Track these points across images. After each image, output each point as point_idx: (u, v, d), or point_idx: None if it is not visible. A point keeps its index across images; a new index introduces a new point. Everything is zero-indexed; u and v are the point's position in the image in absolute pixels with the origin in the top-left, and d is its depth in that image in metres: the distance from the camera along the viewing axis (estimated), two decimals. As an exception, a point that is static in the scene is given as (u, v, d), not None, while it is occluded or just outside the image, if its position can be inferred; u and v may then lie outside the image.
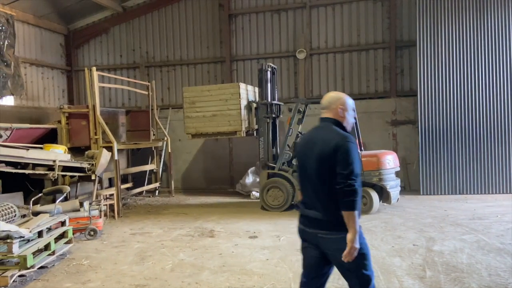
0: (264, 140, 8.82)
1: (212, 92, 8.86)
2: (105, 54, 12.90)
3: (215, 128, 8.80)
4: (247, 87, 9.33)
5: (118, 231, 7.20)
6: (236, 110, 8.66)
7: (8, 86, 10.39)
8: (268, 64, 9.24)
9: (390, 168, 8.11)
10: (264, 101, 8.90)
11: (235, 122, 8.67)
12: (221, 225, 7.42)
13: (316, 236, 2.94)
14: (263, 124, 8.82)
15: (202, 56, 12.26)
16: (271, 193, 8.55)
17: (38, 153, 6.79)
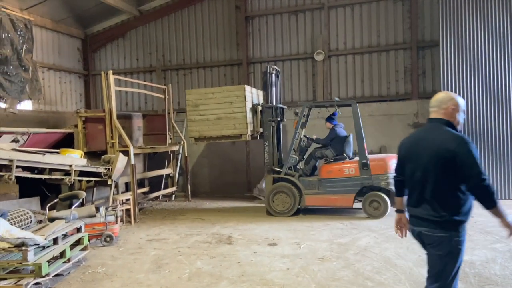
0: (269, 144, 8.65)
1: (217, 95, 8.66)
2: (121, 58, 12.90)
3: (220, 131, 8.61)
4: (252, 89, 9.16)
5: (135, 237, 7.08)
6: (242, 113, 8.48)
7: (26, 91, 10.45)
8: (272, 67, 9.06)
9: None
10: (269, 105, 8.73)
11: (241, 125, 8.49)
12: (239, 232, 7.23)
13: (421, 233, 3.04)
14: (268, 127, 8.65)
15: (219, 59, 12.14)
16: (278, 198, 8.39)
17: (54, 158, 6.73)
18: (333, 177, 8.14)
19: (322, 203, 8.31)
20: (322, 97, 11.32)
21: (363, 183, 8.00)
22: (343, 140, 8.42)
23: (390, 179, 7.87)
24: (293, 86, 11.68)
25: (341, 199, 8.12)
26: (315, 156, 8.56)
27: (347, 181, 8.06)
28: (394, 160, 7.99)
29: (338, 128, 8.58)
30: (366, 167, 8.00)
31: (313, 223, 7.71)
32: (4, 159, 5.97)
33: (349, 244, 6.23)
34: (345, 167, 8.14)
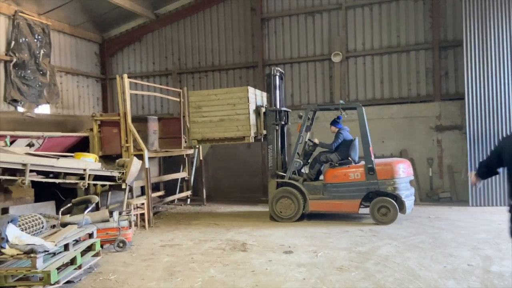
0: (272, 148, 8.47)
1: (220, 96, 8.47)
2: (138, 61, 12.91)
3: (223, 133, 8.42)
4: (255, 91, 8.97)
5: (148, 243, 6.97)
6: (245, 115, 8.26)
7: (44, 95, 10.54)
8: (276, 69, 8.85)
9: (404, 176, 7.81)
10: (272, 108, 8.55)
11: (244, 127, 8.29)
12: (253, 238, 7.04)
13: None
14: (272, 131, 8.47)
15: (234, 62, 12.01)
16: (281, 203, 8.20)
17: (68, 162, 6.68)
18: (338, 181, 7.92)
19: (327, 208, 8.07)
20: (340, 99, 11.02)
21: (369, 188, 7.77)
22: (348, 144, 8.16)
23: (397, 184, 7.64)
24: (309, 88, 11.45)
25: (346, 205, 7.88)
26: (320, 160, 8.33)
27: (353, 186, 7.82)
28: (401, 164, 7.86)
29: (344, 131, 8.34)
30: (372, 171, 7.74)
31: (331, 229, 7.45)
32: (18, 163, 5.93)
33: (369, 252, 5.96)
34: (350, 171, 7.90)
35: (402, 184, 7.72)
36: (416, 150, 10.41)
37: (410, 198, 7.84)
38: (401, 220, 8.04)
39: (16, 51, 9.72)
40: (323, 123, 9.73)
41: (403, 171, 7.81)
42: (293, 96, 11.56)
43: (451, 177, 10.14)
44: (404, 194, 7.71)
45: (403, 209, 7.72)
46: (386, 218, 7.67)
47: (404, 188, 7.75)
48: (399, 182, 7.67)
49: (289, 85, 11.58)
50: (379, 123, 10.65)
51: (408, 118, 10.46)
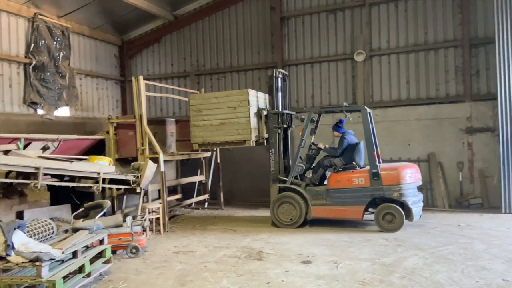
0: (274, 151, 8.22)
1: (220, 100, 8.32)
2: (156, 63, 12.82)
3: (223, 137, 8.27)
4: (257, 93, 8.75)
5: (162, 249, 6.76)
6: (245, 118, 8.09)
7: (63, 97, 10.55)
8: (279, 70, 8.55)
9: (411, 182, 7.47)
10: (274, 111, 8.30)
11: (244, 131, 8.11)
12: (270, 245, 6.72)
13: None
14: (274, 135, 8.23)
15: (253, 62, 11.75)
16: (283, 208, 7.94)
17: (82, 165, 6.56)
18: (341, 187, 7.60)
19: (330, 214, 7.74)
20: (363, 100, 10.60)
21: (374, 194, 7.42)
22: (353, 148, 7.82)
23: (403, 190, 7.27)
24: (331, 89, 11.05)
25: (350, 211, 7.55)
26: (323, 165, 8.00)
27: (356, 192, 7.49)
28: (408, 169, 7.47)
29: (348, 136, 8.02)
30: (376, 177, 7.37)
31: (352, 237, 7.06)
32: (30, 166, 5.84)
33: (394, 264, 5.55)
34: (354, 176, 7.56)
35: (409, 190, 7.37)
36: (445, 154, 9.86)
37: (417, 204, 7.47)
38: (429, 228, 7.59)
39: (35, 54, 9.75)
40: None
41: (410, 177, 7.45)
42: (314, 97, 11.20)
43: (482, 182, 9.54)
44: (411, 200, 7.34)
45: (410, 216, 7.33)
46: (391, 226, 7.31)
47: (411, 194, 7.39)
48: (405, 188, 7.31)
49: (310, 85, 11.23)
50: (405, 125, 10.16)
51: (436, 120, 9.92)
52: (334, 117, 9.41)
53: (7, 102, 9.22)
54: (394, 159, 10.12)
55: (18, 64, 9.48)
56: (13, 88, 9.36)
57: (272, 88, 8.40)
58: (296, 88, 11.35)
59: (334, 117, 9.32)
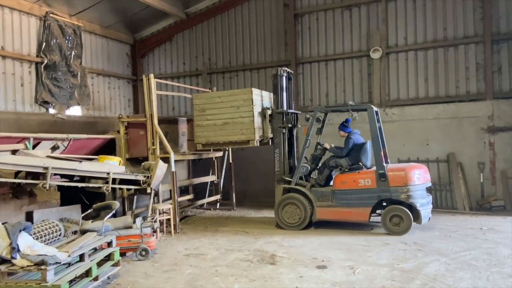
0: (279, 152, 8.06)
1: (223, 99, 8.19)
2: (168, 62, 12.70)
3: (227, 137, 8.13)
4: (262, 93, 8.58)
5: (172, 251, 6.59)
6: (249, 117, 7.94)
7: (75, 96, 10.48)
8: (283, 69, 8.33)
9: (420, 183, 7.22)
10: (279, 110, 8.10)
11: (248, 131, 7.97)
12: (284, 249, 6.50)
13: None
14: (278, 134, 8.07)
15: (266, 60, 11.52)
16: (287, 210, 7.78)
17: (91, 165, 6.43)
18: (347, 188, 7.40)
19: (335, 216, 7.55)
20: (379, 99, 10.29)
21: (380, 195, 7.20)
22: (359, 148, 7.61)
23: (411, 191, 7.04)
24: (346, 87, 10.76)
25: (356, 213, 7.34)
26: (329, 165, 7.81)
27: (362, 193, 7.28)
28: (416, 170, 7.22)
29: (354, 135, 7.80)
30: (383, 178, 7.15)
31: (370, 241, 6.79)
32: (39, 166, 5.72)
33: (414, 271, 5.27)
34: (360, 177, 7.35)
35: (417, 192, 7.13)
36: (465, 154, 9.48)
37: (426, 207, 7.24)
38: (450, 232, 7.28)
39: (47, 53, 9.69)
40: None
41: (419, 178, 7.21)
42: (328, 96, 10.91)
43: (505, 183, 9.15)
44: (419, 202, 7.09)
45: (418, 219, 7.11)
46: (398, 228, 7.09)
47: (419, 196, 7.14)
48: (413, 190, 7.07)
49: (324, 84, 10.95)
50: (423, 124, 9.82)
51: (456, 119, 9.56)
52: (344, 116, 9.12)
53: (19, 101, 9.17)
54: (412, 159, 9.79)
55: (29, 63, 9.44)
56: (24, 87, 9.32)
57: (277, 86, 8.22)
58: (310, 87, 11.09)
59: (344, 117, 9.03)
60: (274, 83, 8.29)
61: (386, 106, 10.21)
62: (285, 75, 8.29)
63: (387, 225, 7.18)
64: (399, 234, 7.03)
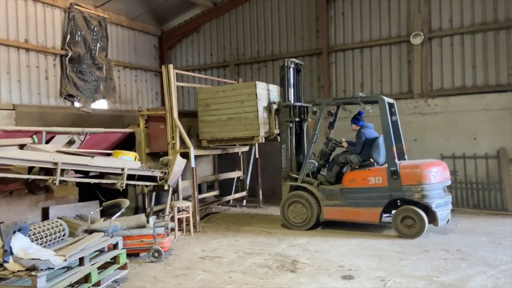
0: (286, 147, 7.64)
1: (227, 93, 7.86)
2: (196, 53, 12.32)
3: (231, 133, 7.81)
4: (268, 86, 8.13)
5: (188, 253, 6.18)
6: (253, 112, 7.59)
7: (101, 90, 10.33)
8: (291, 60, 7.85)
9: (437, 182, 6.60)
10: (286, 103, 7.66)
11: (252, 127, 7.62)
12: (308, 253, 5.91)
13: None
14: (285, 129, 7.64)
15: (296, 49, 10.85)
16: (294, 208, 7.36)
17: (104, 161, 6.13)
18: (356, 186, 6.90)
19: (344, 216, 7.07)
20: (420, 88, 9.37)
21: (392, 195, 6.65)
22: (371, 143, 7.03)
23: (426, 191, 6.44)
24: (383, 77, 9.90)
25: (366, 213, 6.83)
26: (338, 162, 7.29)
27: (373, 192, 6.76)
28: (433, 167, 6.54)
29: (367, 129, 7.24)
30: (395, 175, 6.57)
31: (405, 247, 6.06)
32: (48, 162, 5.46)
33: (456, 285, 4.55)
34: (370, 175, 6.81)
35: (433, 191, 6.52)
36: (519, 150, 8.42)
37: (443, 208, 6.61)
38: (499, 238, 6.42)
39: (71, 45, 9.56)
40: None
41: (435, 176, 6.58)
42: (363, 86, 10.10)
43: None
44: (436, 203, 6.48)
45: (434, 221, 6.49)
46: (411, 231, 6.52)
47: (435, 196, 6.52)
48: (428, 189, 6.47)
49: (359, 73, 10.15)
50: (470, 116, 8.82)
51: (508, 110, 8.50)
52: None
53: (43, 95, 9.10)
54: (457, 155, 8.85)
55: (54, 56, 9.34)
56: (49, 80, 9.23)
57: (284, 79, 7.74)
58: (343, 77, 10.32)
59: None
60: (281, 75, 7.84)
61: (428, 97, 9.28)
62: (292, 66, 7.84)
63: (398, 227, 6.63)
64: (411, 237, 6.45)
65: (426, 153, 8.97)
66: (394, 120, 7.22)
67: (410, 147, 9.18)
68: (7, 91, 8.37)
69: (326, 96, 10.15)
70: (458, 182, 8.84)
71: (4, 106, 8.17)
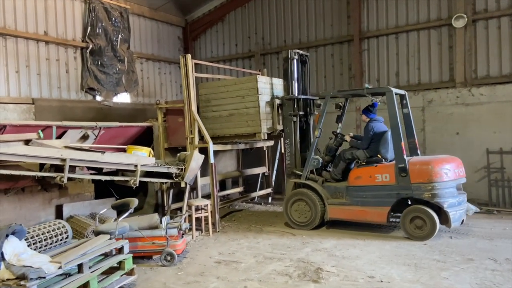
0: (290, 142, 7.29)
1: (228, 88, 7.53)
2: (220, 44, 11.86)
3: (232, 129, 7.50)
4: (272, 80, 7.80)
5: (204, 255, 5.75)
6: (255, 108, 7.27)
7: (122, 83, 10.08)
8: (295, 51, 7.38)
9: (449, 180, 6.04)
10: (289, 96, 7.28)
11: (254, 123, 7.31)
12: (334, 260, 5.34)
13: None
14: (289, 123, 7.27)
15: (325, 37, 10.16)
16: (297, 207, 6.95)
17: (116, 157, 5.78)
18: (362, 184, 6.42)
19: (349, 216, 6.60)
20: (463, 76, 8.48)
21: (400, 193, 6.14)
22: (379, 137, 6.54)
23: (437, 189, 5.92)
24: (421, 64, 9.06)
25: (372, 213, 6.34)
26: (344, 157, 6.80)
27: (380, 191, 6.27)
28: (445, 164, 5.96)
29: (375, 123, 6.74)
30: (404, 173, 6.06)
31: (447, 255, 5.36)
32: (56, 158, 5.16)
33: (508, 307, 3.85)
34: (377, 172, 6.31)
35: (446, 190, 5.99)
36: None
37: (457, 207, 6.05)
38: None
39: (92, 37, 9.33)
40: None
41: (447, 173, 6.04)
42: (399, 75, 9.30)
43: None
44: (448, 202, 5.95)
45: (447, 222, 5.98)
46: (420, 232, 6.01)
47: (447, 195, 5.98)
48: (439, 187, 5.94)
49: (394, 61, 9.35)
50: (521, 107, 7.88)
51: None
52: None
53: (64, 88, 8.92)
54: (506, 149, 7.93)
55: (74, 49, 9.14)
56: (70, 74, 9.05)
57: (287, 71, 7.33)
58: (376, 65, 9.55)
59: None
60: (284, 67, 7.42)
61: (472, 86, 8.37)
62: (296, 58, 7.42)
63: (406, 228, 6.12)
64: (421, 239, 5.95)
65: (469, 147, 8.14)
66: (406, 113, 6.79)
67: (452, 141, 8.37)
68: (26, 85, 8.22)
69: (358, 86, 9.41)
70: (506, 180, 7.93)
71: (23, 100, 8.07)
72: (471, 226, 6.76)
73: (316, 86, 10.21)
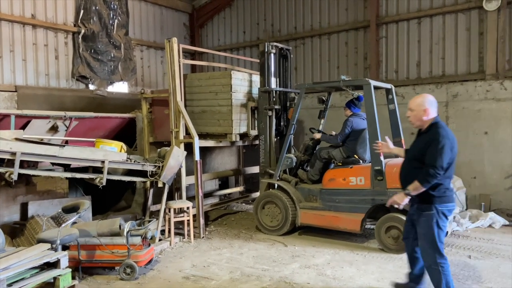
0: (264, 138, 6.65)
1: (202, 82, 6.96)
2: (228, 31, 11.04)
3: (204, 127, 6.92)
4: (251, 77, 7.15)
5: (173, 268, 4.99)
6: (227, 106, 6.71)
7: (119, 71, 9.45)
8: (273, 44, 6.69)
9: None
10: (265, 88, 6.59)
11: (225, 122, 6.77)
12: (322, 280, 4.46)
13: None
14: (264, 118, 6.63)
15: (339, 23, 9.14)
16: (268, 210, 6.33)
17: (78, 152, 5.09)
18: (335, 187, 5.77)
19: (320, 222, 5.92)
20: (495, 67, 7.32)
21: (375, 199, 5.43)
22: (357, 135, 5.88)
23: None
24: (446, 53, 7.92)
25: (345, 220, 5.68)
26: (321, 157, 6.13)
27: (354, 195, 5.60)
28: None
29: (356, 118, 6.03)
30: (380, 176, 5.37)
31: (460, 281, 4.36)
32: (3, 151, 4.53)
33: None
34: (351, 174, 5.65)
35: None
36: None
37: None
38: None
39: (85, 22, 8.72)
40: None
41: None
42: (420, 66, 8.20)
43: None
44: None
45: None
46: (396, 245, 5.29)
47: None
48: None
49: (415, 49, 8.25)
50: None
51: None
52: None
53: (52, 76, 8.36)
54: (543, 155, 6.74)
55: (65, 34, 8.54)
56: (59, 60, 8.47)
57: (264, 66, 6.63)
58: (395, 54, 8.48)
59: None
60: (261, 62, 6.65)
61: (505, 78, 7.20)
62: (274, 51, 6.70)
63: (382, 238, 5.43)
64: (397, 252, 5.24)
65: (500, 149, 7.02)
66: (392, 109, 6.04)
67: (479, 142, 7.26)
68: (10, 71, 7.68)
69: (374, 78, 8.39)
70: (544, 190, 6.76)
71: (6, 87, 7.55)
72: (496, 243, 5.73)
73: (328, 76, 9.26)
